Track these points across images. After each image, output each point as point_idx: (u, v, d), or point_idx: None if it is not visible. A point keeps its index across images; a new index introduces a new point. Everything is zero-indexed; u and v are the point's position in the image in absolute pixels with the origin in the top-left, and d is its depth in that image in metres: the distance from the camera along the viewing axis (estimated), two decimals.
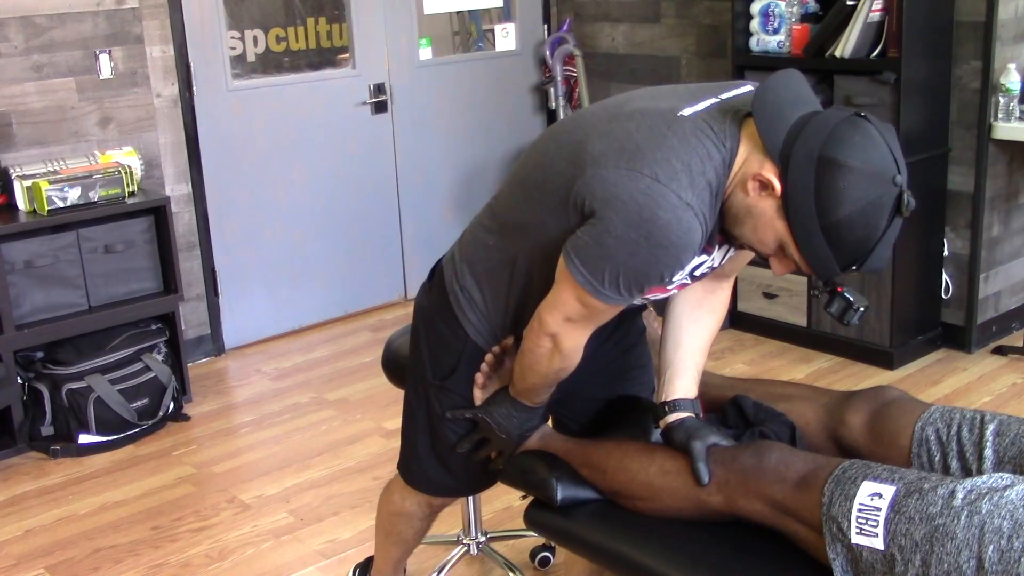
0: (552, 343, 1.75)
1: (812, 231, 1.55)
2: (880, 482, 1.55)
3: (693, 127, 1.61)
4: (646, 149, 1.59)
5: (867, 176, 1.52)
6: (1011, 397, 3.79)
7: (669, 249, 1.57)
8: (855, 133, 1.54)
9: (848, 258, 1.57)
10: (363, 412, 3.91)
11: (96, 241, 3.78)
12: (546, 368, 1.80)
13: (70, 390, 3.65)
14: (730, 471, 1.70)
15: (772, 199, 1.58)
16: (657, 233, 1.55)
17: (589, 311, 1.69)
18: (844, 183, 1.52)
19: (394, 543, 2.36)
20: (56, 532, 3.18)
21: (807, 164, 1.53)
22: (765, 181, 1.57)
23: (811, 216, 1.54)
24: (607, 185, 1.58)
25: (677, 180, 1.56)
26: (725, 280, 1.96)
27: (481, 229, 1.90)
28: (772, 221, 1.59)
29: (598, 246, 1.59)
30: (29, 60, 3.83)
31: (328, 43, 4.71)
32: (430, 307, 1.99)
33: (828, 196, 1.52)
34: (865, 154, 1.53)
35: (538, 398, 1.90)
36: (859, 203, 1.52)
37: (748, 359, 4.23)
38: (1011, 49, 3.94)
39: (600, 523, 1.84)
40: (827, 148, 1.53)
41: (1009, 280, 4.28)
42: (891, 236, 1.57)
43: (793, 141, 1.55)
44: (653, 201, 1.55)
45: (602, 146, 1.63)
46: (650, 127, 1.62)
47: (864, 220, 1.53)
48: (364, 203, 4.88)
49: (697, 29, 4.75)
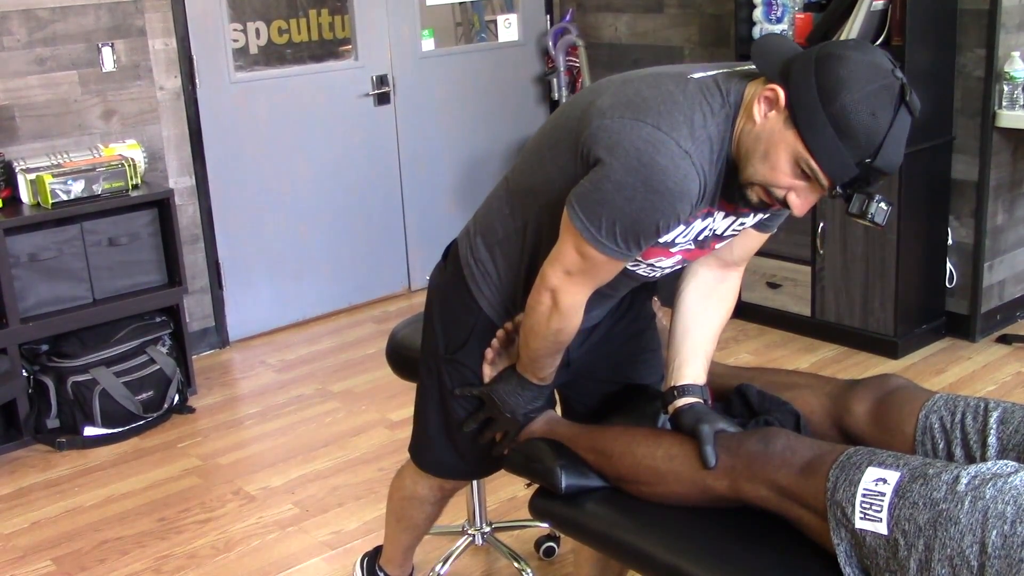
0: (551, 299, 1.77)
1: (820, 123, 1.55)
2: (884, 468, 1.55)
3: (699, 85, 1.67)
4: (651, 102, 1.64)
5: (866, 65, 1.56)
6: (1015, 385, 3.79)
7: (665, 195, 1.60)
8: (848, 42, 1.62)
9: (860, 149, 1.56)
10: (368, 403, 3.92)
11: (100, 234, 3.78)
12: (545, 327, 1.81)
13: (75, 383, 3.66)
14: (736, 457, 1.71)
15: (778, 113, 1.60)
16: (654, 178, 1.59)
17: (587, 263, 1.71)
18: (844, 70, 1.55)
19: (405, 529, 2.38)
20: (62, 524, 3.19)
21: (806, 66, 1.58)
22: (769, 95, 1.60)
23: (816, 107, 1.55)
24: (610, 133, 1.63)
25: (678, 130, 1.61)
26: (735, 269, 1.97)
27: (496, 200, 1.94)
28: (782, 135, 1.59)
29: (597, 191, 1.64)
30: (32, 53, 3.83)
31: (330, 35, 4.71)
32: (444, 283, 2.02)
33: (830, 85, 1.55)
34: (861, 51, 1.58)
35: (542, 371, 1.91)
36: (862, 87, 1.55)
37: (752, 349, 4.23)
38: (1015, 37, 3.93)
39: (605, 511, 1.84)
40: (824, 49, 1.59)
41: (1013, 269, 4.27)
42: (899, 131, 1.57)
43: (791, 63, 1.61)
44: (652, 147, 1.59)
45: (611, 101, 1.68)
46: (658, 84, 1.68)
47: (869, 105, 1.55)
48: (367, 195, 4.88)
49: (700, 18, 4.74)
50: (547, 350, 1.87)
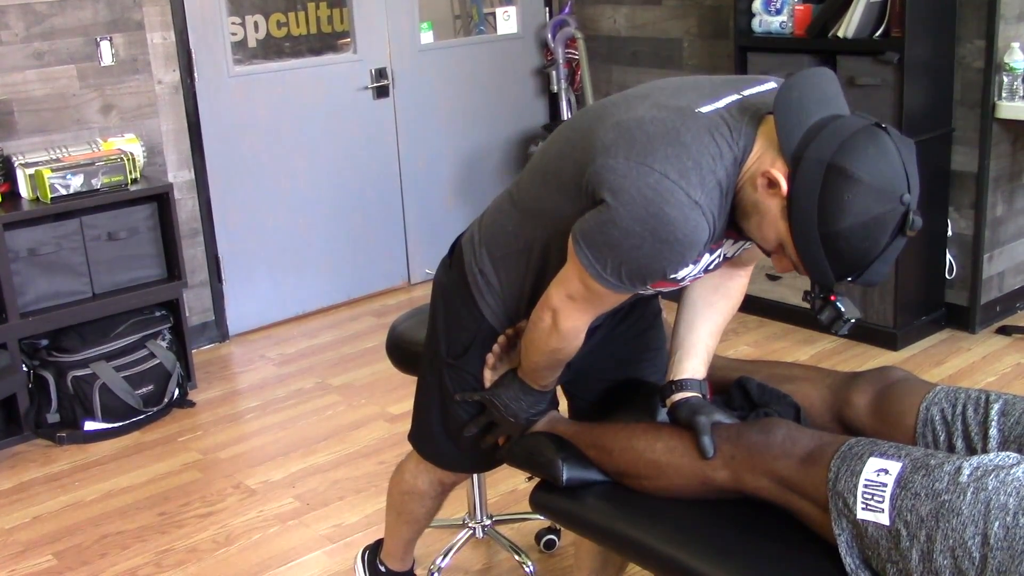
0: (552, 319, 1.76)
1: (812, 237, 1.54)
2: (886, 458, 1.55)
3: (708, 124, 1.60)
4: (657, 143, 1.58)
5: (874, 191, 1.50)
6: (1015, 377, 3.79)
7: (674, 246, 1.57)
8: (870, 144, 1.52)
9: (844, 269, 1.56)
10: (368, 397, 3.92)
11: (99, 228, 3.78)
12: (543, 345, 1.81)
13: (75, 377, 3.66)
14: (736, 447, 1.71)
15: (778, 198, 1.57)
16: (662, 230, 1.55)
17: (590, 293, 1.69)
18: (850, 195, 1.50)
19: (405, 522, 2.38)
20: (63, 519, 3.19)
21: (816, 169, 1.52)
22: (773, 179, 1.56)
23: (812, 222, 1.53)
24: (616, 176, 1.58)
25: (687, 178, 1.55)
26: (743, 268, 1.97)
27: (500, 214, 1.92)
28: (775, 220, 1.58)
29: (602, 234, 1.60)
30: (30, 47, 3.82)
31: (329, 28, 4.70)
32: (449, 285, 2.01)
33: (832, 205, 1.51)
34: (876, 168, 1.51)
35: (543, 381, 1.91)
36: (862, 217, 1.50)
37: (752, 341, 4.23)
38: (1015, 28, 3.92)
39: (606, 505, 1.84)
40: (839, 156, 1.51)
41: (1013, 260, 4.27)
42: (891, 253, 1.56)
43: (808, 143, 1.54)
44: (661, 197, 1.54)
45: (614, 135, 1.62)
46: (664, 120, 1.61)
47: (865, 234, 1.52)
48: (366, 188, 4.88)
49: (699, 10, 4.73)
50: (546, 364, 1.86)
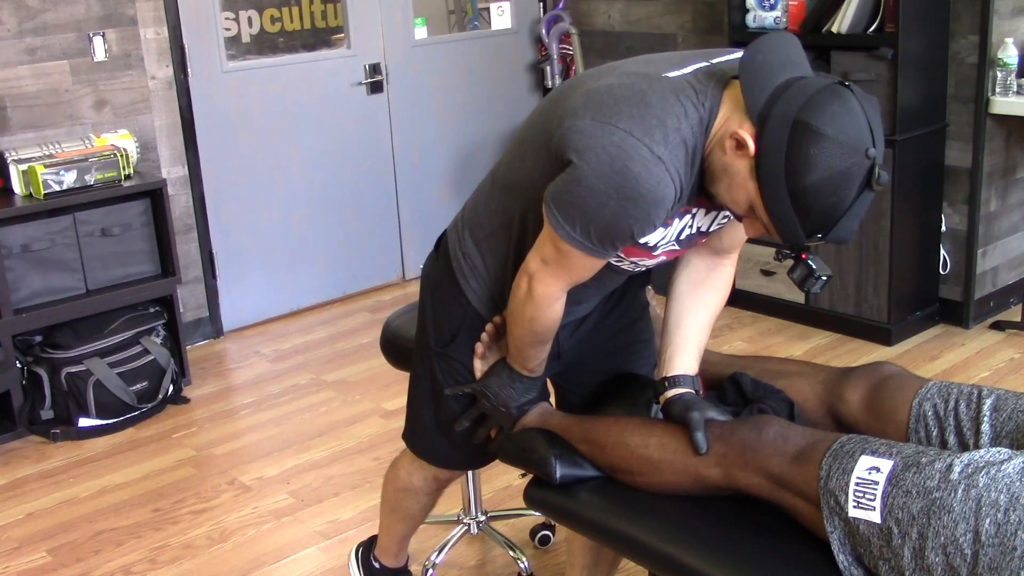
0: (527, 284, 1.77)
1: (780, 194, 1.55)
2: (878, 456, 1.55)
3: (673, 86, 1.63)
4: (622, 104, 1.60)
5: (839, 145, 1.52)
6: (1009, 372, 3.80)
7: (639, 202, 1.58)
8: (834, 101, 1.54)
9: (814, 225, 1.57)
10: (362, 393, 3.92)
11: (93, 224, 3.77)
12: (520, 314, 1.81)
13: (69, 374, 3.65)
14: (728, 444, 1.71)
15: (746, 159, 1.58)
16: (627, 186, 1.57)
17: (562, 256, 1.70)
18: (815, 149, 1.52)
19: (399, 519, 2.38)
20: (57, 515, 3.18)
21: (782, 127, 1.54)
22: (740, 140, 1.58)
23: (780, 179, 1.54)
24: (581, 136, 1.60)
25: (651, 135, 1.57)
26: (727, 257, 1.96)
27: (481, 194, 1.94)
28: (744, 181, 1.60)
29: (570, 194, 1.62)
30: (22, 43, 3.81)
31: (323, 23, 4.69)
32: (435, 275, 2.02)
33: (798, 161, 1.53)
34: (841, 123, 1.53)
35: (529, 363, 1.91)
36: (828, 171, 1.52)
37: (746, 336, 4.24)
38: (1009, 23, 3.92)
39: (600, 501, 1.84)
40: (803, 112, 1.53)
41: (1007, 255, 4.28)
42: (859, 208, 1.56)
43: (773, 103, 1.56)
44: (624, 154, 1.56)
45: (582, 100, 1.65)
46: (630, 85, 1.64)
47: (832, 189, 1.53)
48: (361, 184, 4.88)
49: (693, 5, 4.73)
50: (527, 339, 1.86)
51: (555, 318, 1.82)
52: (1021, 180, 4.24)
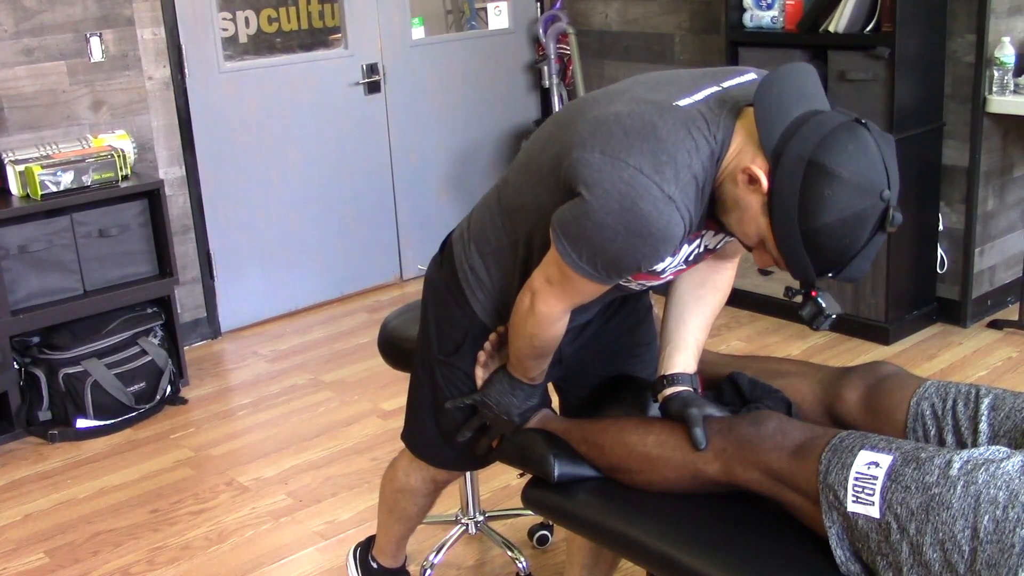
0: (530, 301, 1.77)
1: (792, 234, 1.54)
2: (877, 451, 1.55)
3: (685, 118, 1.60)
4: (633, 138, 1.58)
5: (854, 188, 1.51)
6: (1006, 371, 3.80)
7: (647, 239, 1.57)
8: (850, 141, 1.53)
9: (825, 265, 1.56)
10: (360, 393, 3.92)
11: (90, 225, 3.77)
12: (521, 328, 1.81)
13: (67, 375, 3.65)
14: (727, 440, 1.71)
15: (759, 195, 1.57)
16: (636, 224, 1.55)
17: (566, 280, 1.70)
18: (830, 191, 1.50)
19: (397, 520, 2.38)
20: (55, 516, 3.18)
21: (797, 166, 1.52)
22: (753, 176, 1.56)
23: (793, 219, 1.53)
24: (591, 170, 1.58)
25: (662, 173, 1.55)
26: (729, 260, 1.96)
27: (487, 210, 1.92)
28: (756, 216, 1.58)
29: (577, 226, 1.60)
30: (19, 44, 3.81)
31: (320, 23, 4.69)
32: (440, 281, 2.01)
33: (812, 202, 1.51)
34: (856, 164, 1.51)
35: (530, 372, 1.90)
36: (842, 213, 1.51)
37: (744, 336, 4.24)
38: (1005, 22, 3.93)
39: (598, 501, 1.84)
40: (819, 152, 1.51)
41: (1004, 254, 4.28)
42: (871, 250, 1.56)
43: (788, 139, 1.54)
44: (635, 192, 1.54)
45: (591, 128, 1.63)
46: (641, 114, 1.61)
47: (845, 231, 1.52)
48: (358, 184, 4.87)
49: (690, 5, 4.73)
50: (528, 352, 1.86)
51: (556, 336, 1.82)
52: (1018, 179, 4.24)
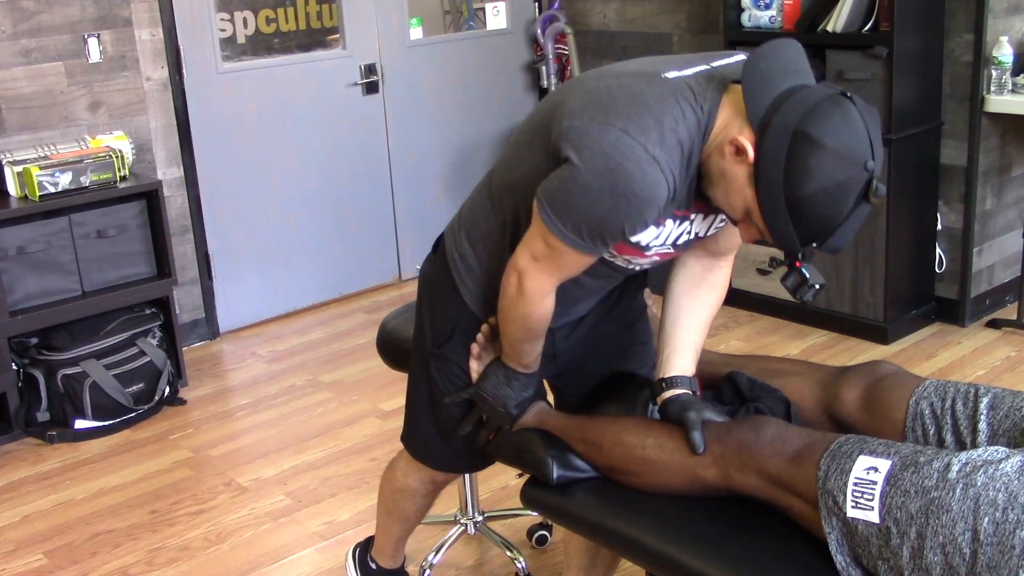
0: (517, 281, 1.77)
1: (777, 203, 1.56)
2: (876, 456, 1.55)
3: (673, 88, 1.64)
4: (621, 105, 1.62)
5: (839, 157, 1.53)
6: (1005, 370, 3.80)
7: (631, 200, 1.59)
8: (835, 112, 1.55)
9: (809, 234, 1.58)
10: (359, 394, 3.92)
11: (88, 226, 3.76)
12: (512, 311, 1.81)
13: (65, 376, 3.65)
14: (726, 445, 1.71)
15: (745, 166, 1.59)
16: (620, 184, 1.58)
17: (553, 252, 1.71)
18: (815, 160, 1.53)
19: (396, 520, 2.38)
20: (54, 517, 3.18)
21: (783, 135, 1.55)
22: (740, 146, 1.59)
23: (778, 188, 1.56)
24: (579, 135, 1.62)
25: (646, 135, 1.58)
26: (723, 258, 1.96)
27: (478, 195, 1.94)
28: (742, 188, 1.61)
29: (563, 191, 1.63)
30: (17, 45, 3.80)
31: (318, 24, 4.69)
32: (431, 275, 2.03)
33: (797, 171, 1.54)
34: (841, 135, 1.54)
35: (524, 359, 1.90)
36: (826, 183, 1.53)
37: (743, 335, 4.24)
38: (1003, 21, 3.93)
39: (597, 501, 1.84)
40: (805, 123, 1.54)
41: (1002, 253, 4.28)
42: (856, 220, 1.58)
43: (774, 111, 1.57)
44: (620, 152, 1.58)
45: (582, 101, 1.66)
46: (630, 86, 1.65)
47: (829, 200, 1.54)
48: (357, 184, 4.87)
49: (689, 5, 4.73)
50: (521, 336, 1.86)
51: (547, 313, 1.82)
52: (1016, 178, 4.24)
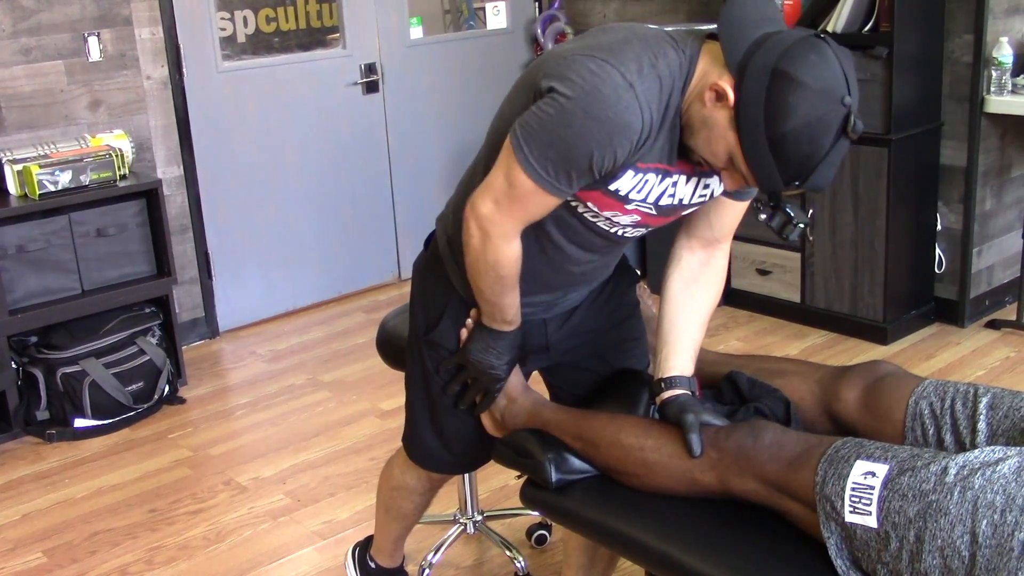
0: (479, 228, 1.77)
1: (759, 143, 1.58)
2: (873, 460, 1.55)
3: (656, 33, 1.70)
4: (605, 43, 1.67)
5: (817, 93, 1.56)
6: (1004, 370, 3.80)
7: (603, 123, 1.60)
8: (811, 51, 1.58)
9: (792, 172, 1.60)
10: (358, 393, 3.92)
11: (88, 225, 3.76)
12: (480, 261, 1.80)
13: (65, 374, 3.65)
14: (723, 450, 1.71)
15: (726, 110, 1.62)
16: (593, 106, 1.60)
17: (516, 191, 1.70)
18: (794, 97, 1.55)
19: (394, 519, 2.38)
20: (53, 516, 3.18)
21: (761, 76, 1.57)
22: (720, 91, 1.61)
23: (759, 127, 1.58)
24: (561, 67, 1.65)
25: (626, 65, 1.62)
26: (718, 247, 1.96)
27: (467, 175, 1.96)
28: (724, 132, 1.63)
29: (537, 116, 1.65)
30: (17, 43, 3.80)
31: (318, 23, 4.69)
32: (423, 264, 2.07)
33: (777, 108, 1.56)
34: (818, 71, 1.57)
35: (506, 312, 1.89)
36: (806, 118, 1.55)
37: (742, 335, 4.24)
38: (1003, 22, 3.93)
39: (596, 500, 1.84)
40: (783, 62, 1.57)
41: (1002, 254, 4.28)
42: (835, 156, 1.60)
43: (752, 54, 1.60)
44: (597, 77, 1.61)
45: (568, 46, 1.72)
46: (615, 30, 1.71)
47: (809, 136, 1.56)
48: (356, 183, 4.87)
49: (688, 4, 4.73)
50: (496, 288, 1.84)
51: (516, 256, 1.81)
52: (1016, 179, 4.24)
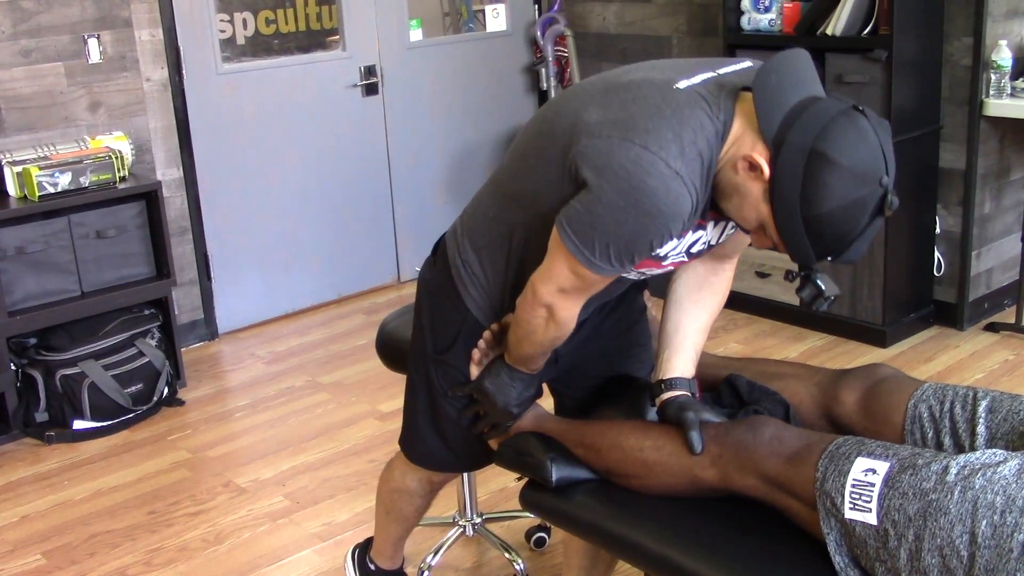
0: (547, 313, 1.77)
1: (794, 220, 1.57)
2: (874, 458, 1.56)
3: (688, 98, 1.63)
4: (639, 119, 1.60)
5: (855, 175, 1.54)
6: (1003, 374, 3.80)
7: (657, 217, 1.58)
8: (850, 128, 1.56)
9: (826, 250, 1.60)
10: (358, 395, 3.92)
11: (88, 226, 3.76)
12: (542, 337, 1.82)
13: (64, 376, 3.65)
14: (724, 446, 1.71)
15: (760, 182, 1.59)
16: (645, 201, 1.57)
17: (581, 281, 1.71)
18: (831, 179, 1.54)
19: (394, 520, 2.38)
20: (52, 518, 3.18)
21: (798, 154, 1.55)
22: (755, 163, 1.59)
23: (795, 206, 1.56)
24: (599, 154, 1.60)
25: (667, 149, 1.57)
26: (727, 261, 1.97)
27: (481, 202, 1.93)
28: (757, 203, 1.61)
29: (588, 214, 1.61)
30: (17, 45, 3.80)
31: (318, 25, 4.69)
32: (433, 281, 2.01)
33: (814, 190, 1.54)
34: (856, 152, 1.55)
35: (534, 364, 1.92)
36: (843, 200, 1.54)
37: (741, 338, 4.24)
38: (1002, 25, 3.93)
39: (595, 503, 1.84)
40: (820, 141, 1.54)
41: (1001, 257, 4.29)
42: (870, 232, 1.59)
43: (788, 127, 1.56)
44: (642, 169, 1.56)
45: (598, 116, 1.65)
46: (645, 98, 1.64)
47: (845, 217, 1.55)
48: (356, 186, 4.87)
49: (688, 8, 4.74)
50: (541, 352, 1.88)
51: (572, 326, 1.84)
52: (1015, 182, 4.25)
